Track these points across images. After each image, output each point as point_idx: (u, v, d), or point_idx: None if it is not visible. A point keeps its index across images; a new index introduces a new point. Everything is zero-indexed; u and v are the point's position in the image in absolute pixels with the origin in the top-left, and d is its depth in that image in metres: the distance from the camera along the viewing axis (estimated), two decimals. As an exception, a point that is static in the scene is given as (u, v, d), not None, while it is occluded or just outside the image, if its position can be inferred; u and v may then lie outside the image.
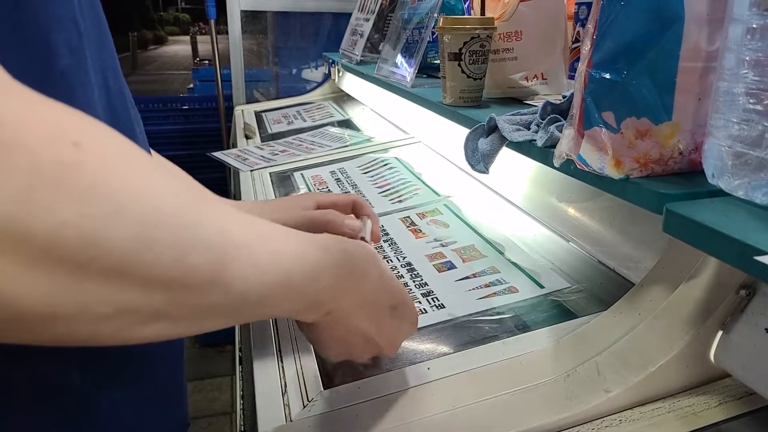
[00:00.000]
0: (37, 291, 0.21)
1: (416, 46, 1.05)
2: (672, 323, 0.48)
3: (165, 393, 0.44)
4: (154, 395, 0.41)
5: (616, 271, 0.66)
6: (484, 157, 0.65)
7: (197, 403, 2.00)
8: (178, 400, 0.46)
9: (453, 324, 0.59)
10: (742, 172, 0.36)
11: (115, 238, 0.22)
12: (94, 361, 0.36)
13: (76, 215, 0.21)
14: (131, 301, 0.24)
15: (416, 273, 0.71)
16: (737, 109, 0.36)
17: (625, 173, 0.45)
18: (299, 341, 0.60)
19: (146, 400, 0.41)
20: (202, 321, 0.28)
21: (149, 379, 0.41)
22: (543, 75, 0.80)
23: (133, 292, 0.23)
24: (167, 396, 0.44)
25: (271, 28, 2.46)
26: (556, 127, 0.56)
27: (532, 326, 0.58)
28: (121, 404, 0.38)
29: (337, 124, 1.67)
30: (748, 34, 0.35)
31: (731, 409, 0.47)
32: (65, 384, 0.35)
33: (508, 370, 0.51)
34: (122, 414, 0.38)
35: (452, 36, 0.75)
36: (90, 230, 0.21)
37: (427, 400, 0.49)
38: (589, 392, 0.47)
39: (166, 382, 0.44)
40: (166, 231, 0.24)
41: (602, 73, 0.44)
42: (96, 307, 0.23)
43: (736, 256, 0.33)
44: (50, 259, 0.21)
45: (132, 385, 0.39)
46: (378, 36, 1.50)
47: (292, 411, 0.49)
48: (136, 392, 0.39)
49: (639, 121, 0.43)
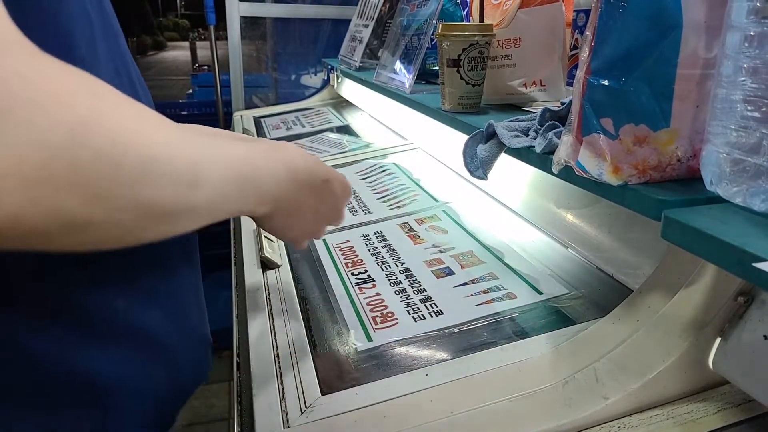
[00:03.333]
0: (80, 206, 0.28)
1: (415, 53, 1.05)
2: (670, 330, 0.48)
3: (186, 313, 0.49)
4: (177, 313, 0.47)
5: (615, 278, 0.66)
6: (482, 164, 0.65)
7: (194, 409, 1.99)
8: (200, 319, 0.52)
9: (451, 330, 0.59)
10: (740, 179, 0.36)
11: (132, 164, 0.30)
12: (129, 287, 0.42)
13: None
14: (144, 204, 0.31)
15: (415, 279, 0.71)
16: (735, 116, 0.36)
17: (623, 180, 0.45)
18: (297, 347, 0.60)
19: (171, 317, 0.46)
20: (179, 220, 0.35)
21: (174, 298, 0.47)
22: (541, 82, 0.80)
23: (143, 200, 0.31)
24: (189, 316, 0.50)
25: (270, 34, 2.47)
26: (555, 133, 0.56)
27: (530, 333, 0.58)
28: (152, 322, 0.44)
29: (336, 130, 1.67)
30: (745, 42, 0.35)
31: (730, 416, 0.46)
32: (108, 307, 0.40)
33: (507, 376, 0.51)
34: (154, 329, 0.44)
35: (451, 42, 0.75)
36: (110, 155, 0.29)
37: (425, 407, 0.48)
38: (588, 399, 0.47)
39: (187, 303, 0.50)
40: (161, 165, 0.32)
41: (601, 80, 0.44)
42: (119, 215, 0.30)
43: (734, 263, 0.33)
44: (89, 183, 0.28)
45: (158, 304, 0.45)
46: (377, 42, 1.51)
47: (290, 417, 0.49)
48: (163, 310, 0.45)
49: (637, 127, 0.43)
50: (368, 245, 0.83)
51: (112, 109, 0.30)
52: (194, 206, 0.35)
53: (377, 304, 0.66)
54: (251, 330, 0.64)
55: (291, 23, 2.44)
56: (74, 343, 0.39)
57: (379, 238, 0.85)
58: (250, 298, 0.72)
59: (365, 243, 0.84)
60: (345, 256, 0.80)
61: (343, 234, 0.89)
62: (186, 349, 0.48)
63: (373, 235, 0.86)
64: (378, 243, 0.83)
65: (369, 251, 0.81)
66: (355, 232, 0.89)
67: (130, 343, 0.42)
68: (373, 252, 0.80)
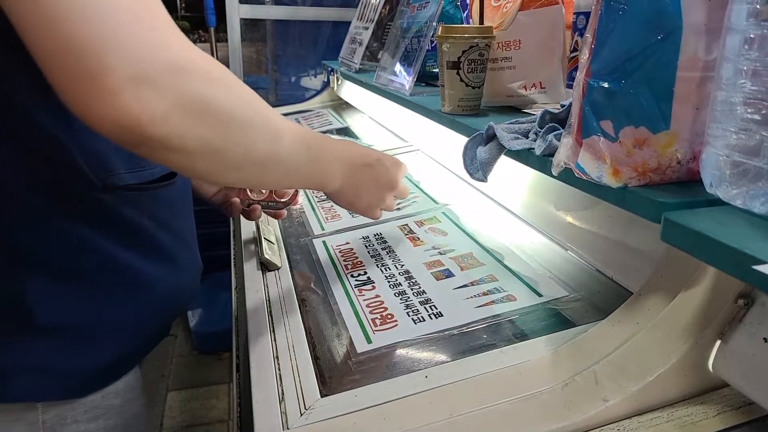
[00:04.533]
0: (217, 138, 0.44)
1: (415, 55, 1.05)
2: (670, 332, 0.48)
3: (188, 241, 0.65)
4: (186, 239, 0.64)
5: (614, 280, 0.66)
6: (482, 166, 0.65)
7: (194, 411, 1.98)
8: (195, 247, 0.67)
9: (451, 332, 0.59)
10: (740, 181, 0.36)
11: (240, 121, 0.46)
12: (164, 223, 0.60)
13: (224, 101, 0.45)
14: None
15: (414, 281, 0.71)
16: (735, 119, 0.36)
17: (623, 182, 0.45)
18: (296, 349, 0.60)
19: (182, 242, 0.63)
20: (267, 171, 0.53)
21: (184, 231, 0.64)
22: (541, 84, 0.80)
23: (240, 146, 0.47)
24: (190, 242, 0.66)
25: (270, 36, 2.47)
26: (555, 135, 0.56)
27: (530, 335, 0.58)
28: (172, 244, 0.61)
29: (336, 131, 1.68)
30: (745, 44, 0.35)
31: (729, 419, 0.46)
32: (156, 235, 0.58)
33: (506, 378, 0.51)
34: (173, 249, 0.61)
35: (451, 45, 0.75)
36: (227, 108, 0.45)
37: (424, 409, 0.48)
38: (588, 401, 0.47)
39: (190, 233, 0.66)
40: (258, 122, 0.49)
41: (600, 82, 0.44)
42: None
43: (734, 265, 0.33)
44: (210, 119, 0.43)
45: (177, 234, 0.62)
46: (377, 44, 1.51)
47: (289, 419, 0.49)
48: (177, 238, 0.62)
49: (637, 130, 0.43)
50: (368, 247, 0.83)
51: (239, 83, 0.47)
52: (278, 157, 0.52)
53: (377, 306, 0.66)
54: (251, 332, 0.64)
55: (291, 25, 2.44)
56: (132, 253, 0.56)
57: (379, 240, 0.85)
58: (250, 300, 0.72)
59: (365, 245, 0.84)
60: (345, 258, 0.80)
61: (343, 236, 0.89)
62: (189, 264, 0.64)
63: (373, 237, 0.86)
64: (378, 245, 0.83)
65: (369, 253, 0.81)
66: (355, 234, 0.89)
67: (159, 255, 0.59)
68: (373, 254, 0.80)
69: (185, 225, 0.64)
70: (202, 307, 2.38)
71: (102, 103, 0.37)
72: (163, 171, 0.58)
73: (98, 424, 0.58)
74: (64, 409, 0.55)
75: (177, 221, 0.62)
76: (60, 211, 0.50)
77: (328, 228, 0.94)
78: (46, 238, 0.50)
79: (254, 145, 0.48)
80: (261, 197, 0.81)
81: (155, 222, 0.58)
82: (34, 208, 0.49)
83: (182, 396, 2.06)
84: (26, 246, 0.50)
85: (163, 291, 0.60)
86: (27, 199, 0.49)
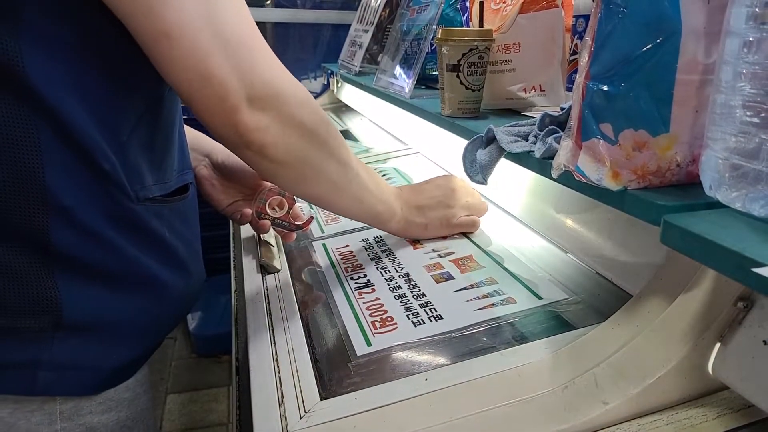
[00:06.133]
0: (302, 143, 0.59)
1: (415, 58, 1.05)
2: (670, 335, 0.48)
3: (195, 249, 0.69)
4: (192, 247, 0.68)
5: (614, 283, 0.66)
6: (482, 168, 0.65)
7: (193, 414, 1.98)
8: (199, 257, 0.70)
9: (450, 335, 0.59)
10: (739, 184, 0.36)
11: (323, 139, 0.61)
12: (181, 233, 0.64)
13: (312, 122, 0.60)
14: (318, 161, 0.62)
15: (414, 284, 0.71)
16: (734, 122, 0.36)
17: (622, 185, 0.45)
18: (296, 352, 0.60)
19: (190, 250, 0.66)
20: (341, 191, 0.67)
21: (192, 240, 0.67)
22: (541, 87, 0.80)
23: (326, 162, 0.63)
24: (198, 254, 0.70)
25: (270, 38, 2.47)
26: (554, 138, 0.57)
27: (530, 337, 0.58)
28: (184, 252, 0.64)
29: (336, 134, 1.67)
30: (744, 47, 0.35)
31: (729, 422, 0.46)
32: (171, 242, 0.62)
33: (506, 381, 0.51)
34: (185, 257, 0.64)
35: (451, 47, 0.75)
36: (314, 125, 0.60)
37: (424, 412, 0.48)
38: (587, 404, 0.47)
39: (196, 243, 0.69)
40: (332, 143, 0.63)
41: (600, 85, 0.44)
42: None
43: (733, 268, 0.33)
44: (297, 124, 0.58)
45: (187, 242, 0.65)
46: (377, 47, 1.51)
47: (288, 422, 0.49)
48: (186, 245, 0.65)
49: (637, 132, 0.43)
50: (368, 250, 0.83)
51: (318, 107, 0.62)
52: (348, 176, 0.65)
53: (376, 309, 0.66)
54: (250, 334, 0.64)
55: (291, 28, 2.45)
56: (152, 259, 0.59)
57: (379, 243, 0.85)
58: (250, 303, 0.72)
59: (365, 248, 0.84)
60: (344, 261, 0.80)
61: (343, 239, 0.89)
62: (196, 273, 0.68)
63: (373, 240, 0.86)
64: (377, 248, 0.83)
65: (368, 256, 0.81)
66: (355, 236, 0.89)
67: (174, 263, 0.63)
68: (373, 257, 0.80)
69: (194, 236, 0.69)
70: (201, 310, 2.38)
71: (225, 116, 0.52)
72: (179, 184, 0.64)
73: (111, 416, 0.60)
74: (81, 401, 0.58)
75: (188, 232, 0.66)
76: (97, 217, 0.54)
77: (327, 231, 0.94)
78: (81, 241, 0.53)
79: (329, 160, 0.62)
80: (278, 214, 0.82)
81: (172, 232, 0.62)
82: (74, 212, 0.52)
83: (181, 399, 2.06)
84: (62, 247, 0.52)
85: (177, 295, 0.64)
86: (69, 205, 0.51)
